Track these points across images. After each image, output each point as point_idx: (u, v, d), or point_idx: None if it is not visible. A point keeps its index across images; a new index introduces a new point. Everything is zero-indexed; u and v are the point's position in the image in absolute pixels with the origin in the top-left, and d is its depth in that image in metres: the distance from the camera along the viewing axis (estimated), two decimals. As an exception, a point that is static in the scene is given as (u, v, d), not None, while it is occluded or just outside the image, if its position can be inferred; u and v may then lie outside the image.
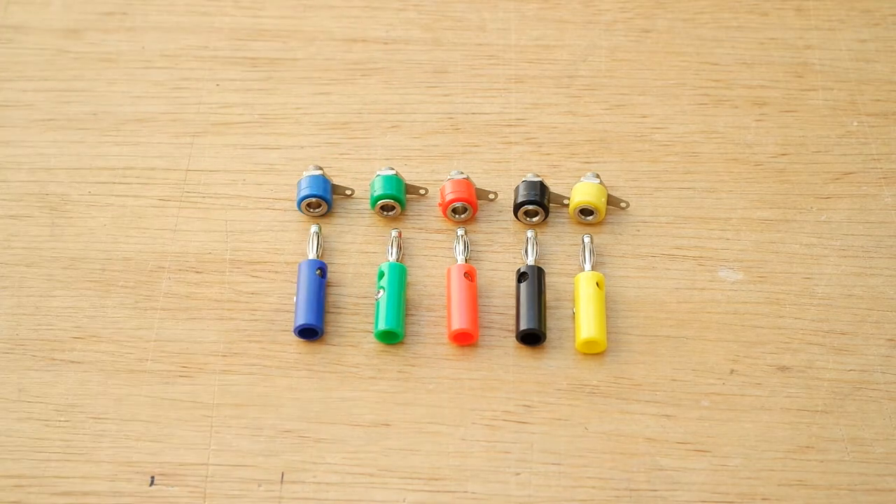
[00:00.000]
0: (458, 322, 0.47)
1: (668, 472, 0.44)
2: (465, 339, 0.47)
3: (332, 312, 0.48)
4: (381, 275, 0.48)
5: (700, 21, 0.59)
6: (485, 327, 0.48)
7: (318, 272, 0.48)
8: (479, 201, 0.51)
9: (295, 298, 0.47)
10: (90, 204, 0.52)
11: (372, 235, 0.51)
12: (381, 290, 0.48)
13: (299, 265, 0.48)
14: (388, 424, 0.45)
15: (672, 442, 0.44)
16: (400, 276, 0.48)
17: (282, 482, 0.44)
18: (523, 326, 0.47)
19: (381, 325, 0.47)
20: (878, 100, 0.56)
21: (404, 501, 0.43)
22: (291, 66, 0.57)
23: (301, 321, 0.47)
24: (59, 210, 0.51)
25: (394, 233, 0.50)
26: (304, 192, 0.51)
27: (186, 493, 0.43)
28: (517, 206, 0.51)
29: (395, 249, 0.49)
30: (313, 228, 0.50)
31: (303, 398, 0.46)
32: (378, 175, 0.51)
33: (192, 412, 0.45)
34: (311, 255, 0.49)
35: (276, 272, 0.49)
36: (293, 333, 0.47)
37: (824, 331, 0.48)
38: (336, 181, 0.52)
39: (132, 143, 0.54)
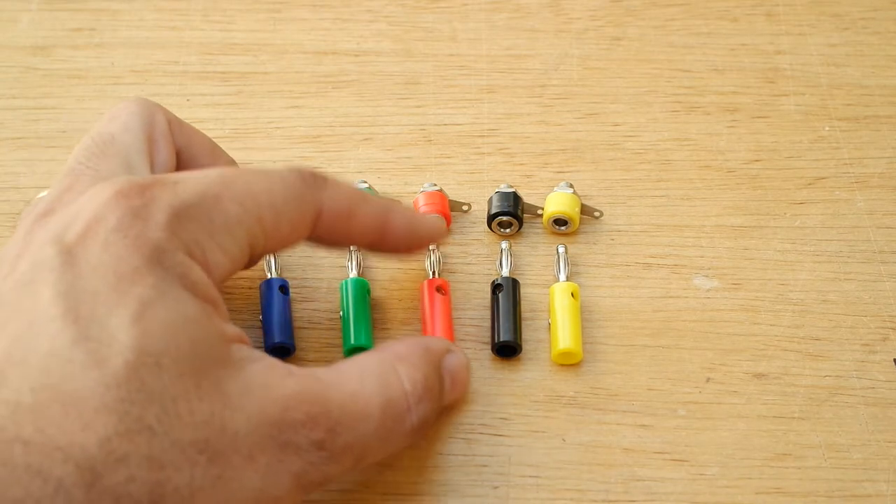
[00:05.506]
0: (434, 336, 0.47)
1: (645, 483, 0.44)
2: (440, 353, 0.47)
3: (306, 328, 0.48)
4: (343, 290, 0.48)
5: (671, 28, 0.59)
6: (460, 339, 0.48)
7: (280, 289, 0.47)
8: (453, 213, 0.51)
9: (261, 318, 0.47)
10: (61, 223, 0.51)
11: (345, 249, 0.50)
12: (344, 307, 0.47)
13: (261, 284, 0.48)
14: (364, 440, 0.45)
15: (649, 452, 0.44)
16: (361, 291, 0.47)
17: (258, 501, 0.43)
18: (499, 338, 0.47)
19: (352, 341, 0.46)
20: (850, 104, 0.56)
21: (382, 518, 0.43)
22: (262, 80, 0.57)
23: (274, 339, 0.46)
24: (30, 229, 0.51)
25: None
26: (277, 208, 0.50)
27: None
28: (491, 218, 0.50)
29: (353, 264, 0.48)
30: (286, 244, 0.50)
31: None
32: (351, 188, 0.51)
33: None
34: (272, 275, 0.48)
35: (251, 288, 0.49)
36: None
37: (800, 337, 0.48)
38: (309, 195, 0.51)
39: (103, 160, 0.54)
